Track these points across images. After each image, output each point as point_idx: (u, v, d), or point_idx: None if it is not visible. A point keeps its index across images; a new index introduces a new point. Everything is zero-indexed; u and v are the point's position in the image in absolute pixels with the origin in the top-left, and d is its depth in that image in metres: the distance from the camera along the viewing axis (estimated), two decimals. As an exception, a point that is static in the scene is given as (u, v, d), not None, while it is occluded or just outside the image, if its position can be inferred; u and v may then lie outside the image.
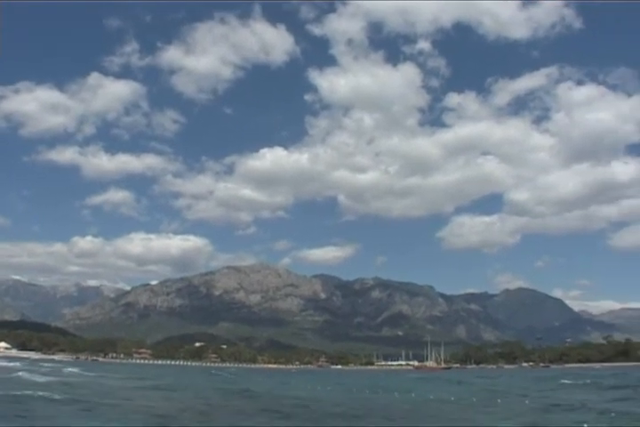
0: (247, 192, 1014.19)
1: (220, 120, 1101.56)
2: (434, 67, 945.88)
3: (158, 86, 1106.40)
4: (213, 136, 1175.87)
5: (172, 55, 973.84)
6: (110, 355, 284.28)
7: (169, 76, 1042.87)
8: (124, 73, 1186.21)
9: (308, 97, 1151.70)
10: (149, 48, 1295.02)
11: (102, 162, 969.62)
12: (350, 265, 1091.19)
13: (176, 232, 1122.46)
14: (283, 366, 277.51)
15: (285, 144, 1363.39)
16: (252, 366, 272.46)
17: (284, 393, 54.88)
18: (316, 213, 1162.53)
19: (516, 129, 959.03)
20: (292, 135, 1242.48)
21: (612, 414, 30.16)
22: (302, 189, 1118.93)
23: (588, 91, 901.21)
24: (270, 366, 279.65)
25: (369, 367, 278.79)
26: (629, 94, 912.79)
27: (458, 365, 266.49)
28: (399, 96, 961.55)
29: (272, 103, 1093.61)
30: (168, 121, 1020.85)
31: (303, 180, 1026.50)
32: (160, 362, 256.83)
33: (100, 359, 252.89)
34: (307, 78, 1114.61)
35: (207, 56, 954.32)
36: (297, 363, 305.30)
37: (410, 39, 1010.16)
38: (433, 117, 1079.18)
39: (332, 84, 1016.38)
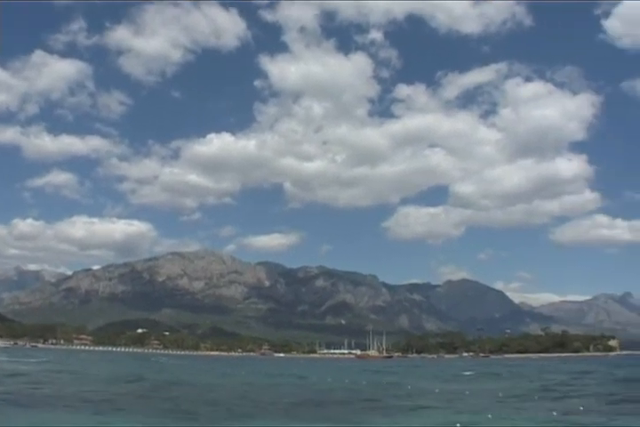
0: (193, 177, 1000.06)
1: (168, 103, 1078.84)
2: (385, 57, 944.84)
3: (105, 67, 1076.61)
4: (160, 119, 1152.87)
5: (120, 35, 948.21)
6: (50, 341, 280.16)
7: (116, 56, 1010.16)
8: (70, 52, 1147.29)
9: (257, 83, 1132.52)
10: (97, 27, 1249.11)
11: (45, 143, 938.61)
12: (295, 253, 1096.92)
13: (120, 216, 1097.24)
14: (225, 354, 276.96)
15: (233, 130, 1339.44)
16: (194, 353, 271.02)
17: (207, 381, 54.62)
18: (261, 199, 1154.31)
19: (463, 122, 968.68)
20: (240, 121, 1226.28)
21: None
22: (249, 176, 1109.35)
23: (536, 87, 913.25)
24: (212, 353, 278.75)
25: (311, 355, 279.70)
26: (575, 93, 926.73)
27: (399, 354, 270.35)
28: (349, 85, 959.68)
29: (221, 88, 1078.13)
30: (114, 103, 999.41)
31: (250, 166, 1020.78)
32: (101, 348, 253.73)
33: (40, 346, 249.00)
34: (257, 64, 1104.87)
35: (157, 38, 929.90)
36: (239, 350, 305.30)
37: (362, 29, 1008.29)
38: (382, 108, 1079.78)
39: (282, 71, 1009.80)
